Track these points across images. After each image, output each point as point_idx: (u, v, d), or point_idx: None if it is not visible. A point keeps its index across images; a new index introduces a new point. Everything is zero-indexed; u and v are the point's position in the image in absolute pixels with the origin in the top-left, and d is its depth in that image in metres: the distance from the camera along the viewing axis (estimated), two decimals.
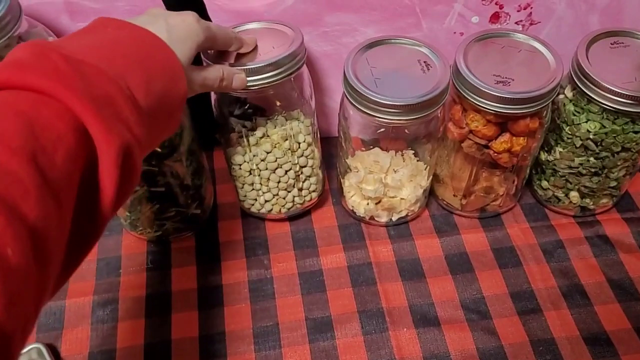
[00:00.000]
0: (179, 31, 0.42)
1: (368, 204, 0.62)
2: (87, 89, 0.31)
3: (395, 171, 0.59)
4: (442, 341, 0.56)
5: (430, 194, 0.67)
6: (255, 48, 0.52)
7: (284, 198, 0.61)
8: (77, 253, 0.33)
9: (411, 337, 0.56)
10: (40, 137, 0.28)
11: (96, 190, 0.32)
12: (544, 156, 0.63)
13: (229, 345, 0.56)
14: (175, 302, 0.59)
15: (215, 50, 0.51)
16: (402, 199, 0.61)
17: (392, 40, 0.55)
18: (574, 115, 0.56)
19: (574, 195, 0.63)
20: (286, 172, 0.58)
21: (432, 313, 0.58)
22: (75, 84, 0.30)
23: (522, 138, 0.55)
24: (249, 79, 0.50)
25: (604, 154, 0.57)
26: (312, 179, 0.61)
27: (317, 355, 0.55)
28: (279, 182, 0.59)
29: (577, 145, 0.57)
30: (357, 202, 0.63)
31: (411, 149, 0.59)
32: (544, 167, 0.63)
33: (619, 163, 0.58)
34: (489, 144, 0.56)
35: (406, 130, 0.56)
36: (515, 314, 0.58)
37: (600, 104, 0.53)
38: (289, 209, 0.63)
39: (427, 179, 0.61)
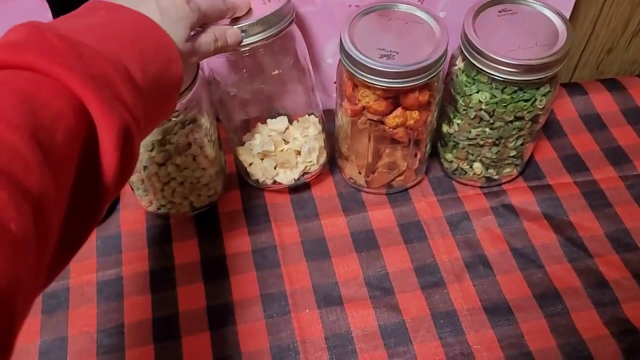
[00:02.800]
0: (170, 13, 0.40)
1: (262, 161, 0.60)
2: (86, 68, 0.30)
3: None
4: (344, 320, 0.56)
5: (339, 171, 0.67)
6: (250, 10, 0.51)
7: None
8: (79, 234, 0.32)
9: (313, 318, 0.56)
10: (39, 114, 0.28)
11: (97, 170, 0.31)
12: (445, 128, 0.62)
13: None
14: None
15: None
16: (295, 151, 0.60)
17: None
18: (466, 86, 0.56)
19: (477, 166, 0.63)
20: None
21: (335, 292, 0.58)
22: (73, 63, 0.30)
23: (415, 112, 0.54)
24: None
25: (497, 123, 0.57)
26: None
27: (217, 342, 0.54)
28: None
29: (472, 117, 0.57)
30: (255, 169, 0.61)
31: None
32: (446, 139, 0.63)
33: (513, 132, 0.58)
34: (383, 120, 0.55)
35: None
36: (419, 288, 0.58)
37: (488, 74, 0.53)
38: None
39: (318, 126, 0.61)
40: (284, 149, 0.60)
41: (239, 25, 0.49)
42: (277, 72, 0.58)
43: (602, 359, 0.53)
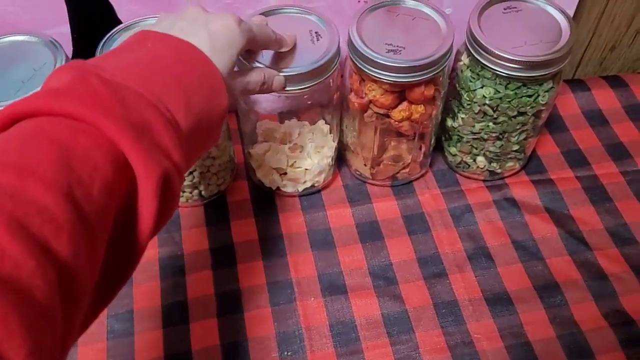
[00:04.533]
0: (220, 38, 0.40)
1: (273, 175, 0.62)
2: (127, 116, 0.30)
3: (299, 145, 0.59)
4: (348, 308, 0.57)
5: (345, 163, 0.68)
6: (295, 46, 0.52)
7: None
8: (113, 285, 0.32)
9: (318, 305, 0.57)
10: (76, 168, 0.27)
11: (133, 220, 0.31)
12: (449, 122, 0.63)
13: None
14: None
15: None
16: (306, 169, 0.61)
17: (282, 10, 0.55)
18: (470, 81, 0.57)
19: (481, 160, 0.64)
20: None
21: (340, 281, 0.59)
22: (115, 111, 0.30)
23: (420, 106, 0.55)
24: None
25: (501, 118, 0.58)
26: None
27: (224, 326, 0.56)
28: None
29: (476, 111, 0.58)
30: (263, 173, 0.63)
31: (323, 119, 0.59)
32: (450, 133, 0.64)
33: (517, 127, 0.59)
34: (389, 113, 0.56)
35: (305, 97, 0.56)
36: (422, 278, 0.59)
37: (492, 70, 0.54)
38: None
39: (333, 150, 0.62)
40: (294, 165, 0.61)
41: (287, 74, 0.50)
42: (310, 102, 0.58)
43: (600, 349, 0.54)
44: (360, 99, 0.57)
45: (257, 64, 0.50)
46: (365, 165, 0.65)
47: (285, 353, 0.54)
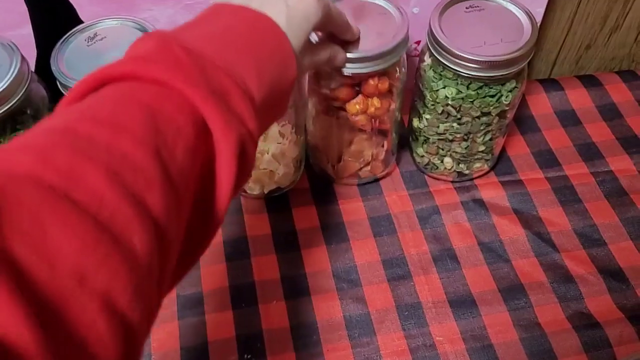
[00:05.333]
0: (297, 12, 0.40)
1: None
2: (207, 83, 0.31)
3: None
4: (311, 311, 0.57)
5: (311, 163, 0.67)
6: (357, 40, 0.52)
7: None
8: (195, 250, 0.33)
9: (280, 308, 0.57)
10: (162, 130, 0.28)
11: (212, 185, 0.32)
12: (415, 123, 0.63)
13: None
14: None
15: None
16: (270, 170, 0.61)
17: None
18: (433, 81, 0.56)
19: (448, 161, 0.63)
20: None
21: (303, 284, 0.59)
22: (197, 78, 0.31)
23: (375, 99, 0.55)
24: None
25: (465, 119, 0.57)
26: None
27: (185, 331, 0.55)
28: None
29: (440, 112, 0.58)
30: None
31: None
32: (416, 134, 0.64)
33: (482, 128, 0.58)
34: (344, 107, 0.56)
35: None
36: (385, 280, 0.59)
37: (453, 70, 0.53)
38: None
39: (298, 151, 0.61)
40: (259, 167, 0.61)
41: (356, 56, 0.50)
42: None
43: (563, 352, 0.54)
44: (318, 94, 0.56)
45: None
46: (327, 163, 0.64)
47: (245, 356, 0.54)
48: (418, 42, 0.68)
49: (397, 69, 0.54)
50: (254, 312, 0.57)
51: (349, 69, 0.51)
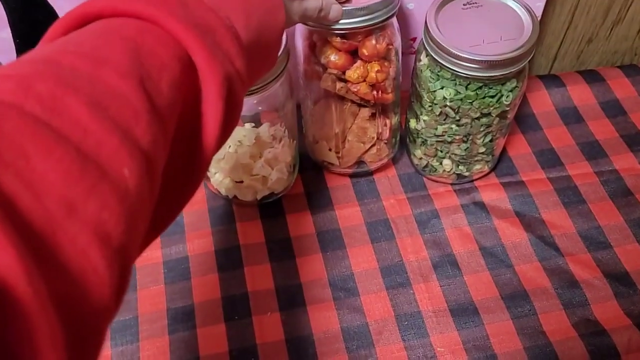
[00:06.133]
0: None
1: (228, 182, 0.59)
2: (191, 17, 0.30)
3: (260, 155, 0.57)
4: (307, 322, 0.55)
5: (308, 167, 0.65)
6: None
7: None
8: (179, 198, 0.32)
9: (274, 320, 0.55)
10: (145, 63, 0.27)
11: (198, 125, 0.31)
12: (413, 124, 0.61)
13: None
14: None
15: None
16: (263, 176, 0.58)
17: None
18: (430, 82, 0.54)
19: (447, 163, 0.61)
20: None
21: (298, 294, 0.56)
22: (179, 12, 0.30)
23: (375, 63, 0.52)
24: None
25: (464, 120, 0.55)
26: None
27: (176, 346, 0.53)
28: None
29: (437, 113, 0.55)
30: (219, 180, 0.60)
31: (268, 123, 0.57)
32: (414, 136, 0.61)
33: (482, 129, 0.56)
34: (344, 77, 0.53)
35: (255, 103, 0.53)
36: (384, 289, 0.57)
37: (451, 70, 0.51)
38: None
39: (290, 156, 0.59)
40: (251, 172, 0.59)
41: (347, 8, 0.48)
42: (261, 108, 0.56)
43: None
44: (311, 67, 0.54)
45: None
46: (330, 150, 0.61)
47: None
48: (414, 39, 0.66)
49: (392, 27, 0.52)
50: (248, 324, 0.54)
51: (344, 25, 0.49)
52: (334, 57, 0.52)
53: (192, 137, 0.31)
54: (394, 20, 0.52)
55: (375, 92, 0.55)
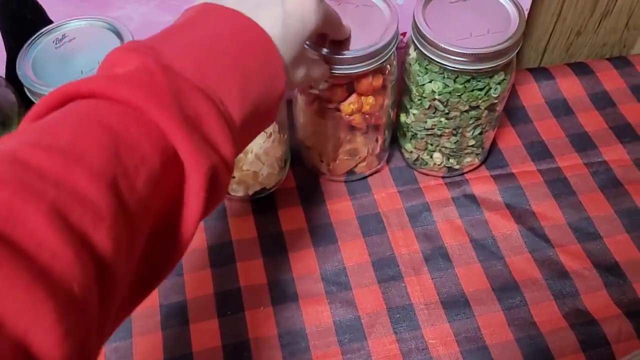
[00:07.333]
0: (294, 19, 0.37)
1: None
2: (180, 109, 0.30)
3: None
4: (299, 317, 0.55)
5: (299, 161, 0.65)
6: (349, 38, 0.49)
7: None
8: (154, 278, 0.32)
9: (267, 315, 0.55)
10: (124, 158, 0.27)
11: (178, 213, 0.31)
12: (402, 118, 0.61)
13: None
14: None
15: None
16: (254, 171, 0.58)
17: None
18: (419, 75, 0.54)
19: (437, 156, 0.61)
20: None
21: (291, 289, 0.57)
22: (169, 103, 0.29)
23: (369, 97, 0.53)
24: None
25: (453, 113, 0.55)
26: None
27: (169, 342, 0.53)
28: None
29: (427, 107, 0.56)
30: None
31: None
32: (404, 129, 0.62)
33: (470, 122, 0.56)
34: (339, 107, 0.54)
35: None
36: (376, 282, 0.57)
37: (439, 64, 0.51)
38: None
39: (282, 151, 0.59)
40: (242, 168, 0.59)
41: (348, 56, 0.48)
42: None
43: (560, 351, 0.52)
44: (307, 95, 0.54)
45: (324, 51, 0.47)
46: (321, 161, 0.62)
47: None
48: (404, 34, 0.66)
49: (389, 64, 0.52)
50: (241, 319, 0.55)
51: (341, 70, 0.49)
52: (328, 91, 0.52)
53: (171, 224, 0.31)
54: (393, 56, 0.52)
55: (368, 118, 0.55)
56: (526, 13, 0.67)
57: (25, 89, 0.48)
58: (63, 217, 0.24)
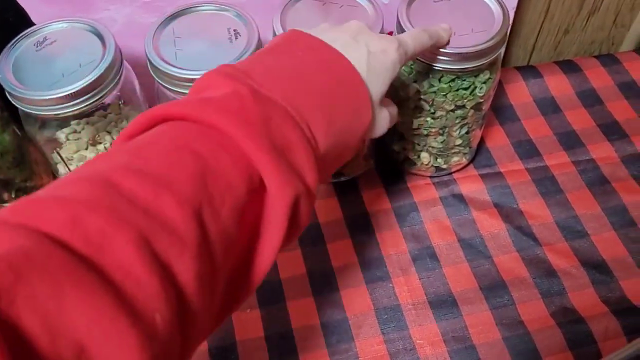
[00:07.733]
0: (377, 62, 0.38)
1: None
2: (270, 136, 0.30)
3: None
4: (286, 318, 0.55)
5: None
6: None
7: None
8: (226, 310, 0.31)
9: (254, 317, 0.55)
10: (210, 185, 0.27)
11: (254, 245, 0.31)
12: None
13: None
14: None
15: None
16: None
17: (197, 8, 0.52)
18: (403, 75, 0.54)
19: (425, 156, 0.61)
20: None
21: (278, 290, 0.56)
22: (259, 130, 0.29)
23: None
24: None
25: (439, 113, 0.55)
26: None
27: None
28: None
29: (412, 107, 0.55)
30: None
31: None
32: (391, 130, 0.61)
33: (457, 121, 0.56)
34: None
35: None
36: (363, 283, 0.57)
37: (423, 63, 0.51)
38: None
39: None
40: None
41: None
42: None
43: (547, 350, 0.52)
44: None
45: None
46: None
47: None
48: (390, 33, 0.66)
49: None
50: (227, 321, 0.54)
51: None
52: None
53: (249, 254, 0.31)
54: None
55: None
56: (513, 11, 0.67)
57: (6, 93, 0.48)
58: (150, 247, 0.24)
